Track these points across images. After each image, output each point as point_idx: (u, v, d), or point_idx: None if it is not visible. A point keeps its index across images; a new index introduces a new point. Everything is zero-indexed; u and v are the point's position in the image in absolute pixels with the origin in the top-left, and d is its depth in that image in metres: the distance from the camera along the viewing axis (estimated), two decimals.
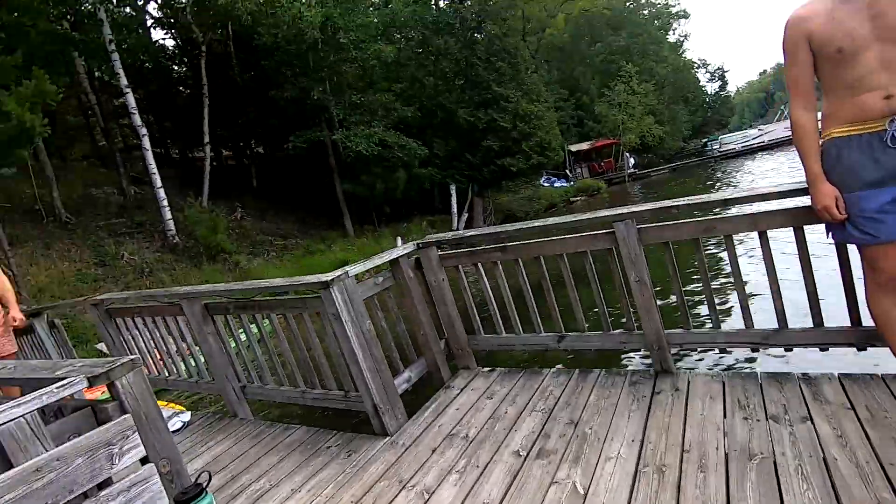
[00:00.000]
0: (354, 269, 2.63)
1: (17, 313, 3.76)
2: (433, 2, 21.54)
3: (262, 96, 17.33)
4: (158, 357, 3.77)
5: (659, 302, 2.56)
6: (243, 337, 3.17)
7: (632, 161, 32.41)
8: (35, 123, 9.09)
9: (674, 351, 2.61)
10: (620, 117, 30.85)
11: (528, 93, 19.22)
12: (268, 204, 17.81)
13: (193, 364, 3.55)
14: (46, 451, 1.42)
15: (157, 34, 22.94)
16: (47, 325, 4.38)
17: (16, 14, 12.46)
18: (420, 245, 3.10)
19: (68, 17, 14.33)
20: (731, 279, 2.50)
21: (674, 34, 48.16)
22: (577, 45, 37.61)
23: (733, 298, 3.99)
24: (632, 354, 4.52)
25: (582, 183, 28.67)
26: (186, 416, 3.38)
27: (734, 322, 4.10)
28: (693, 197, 2.36)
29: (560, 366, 2.98)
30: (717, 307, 2.57)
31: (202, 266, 11.84)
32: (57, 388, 1.49)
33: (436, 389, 3.04)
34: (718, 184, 19.29)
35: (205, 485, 1.26)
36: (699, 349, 2.60)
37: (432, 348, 3.10)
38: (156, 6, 18.69)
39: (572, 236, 2.67)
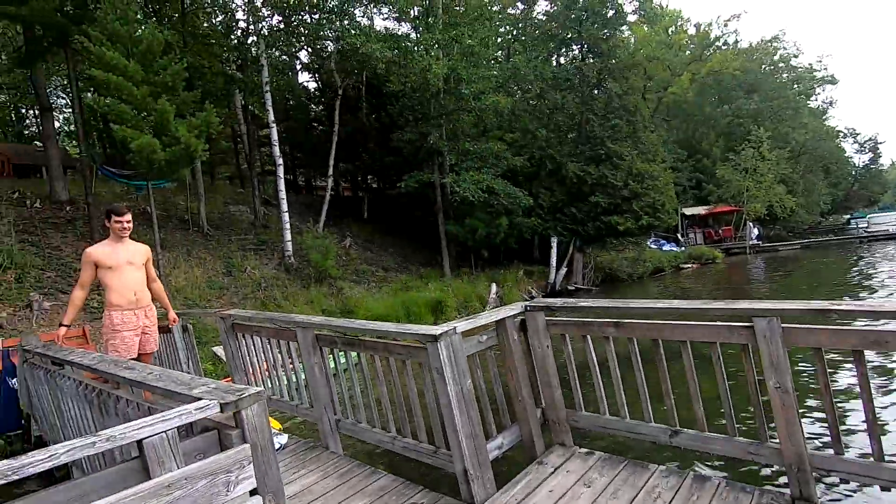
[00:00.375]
0: (462, 325, 2.63)
1: (173, 314, 4.23)
2: (554, 58, 22.06)
3: (384, 137, 18.71)
4: (266, 374, 4.04)
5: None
6: (345, 371, 3.28)
7: (755, 231, 29.54)
8: (198, 147, 10.61)
9: (816, 475, 2.22)
10: (746, 184, 28.52)
11: (643, 152, 18.63)
12: (374, 236, 18.85)
13: (296, 388, 3.74)
14: (178, 467, 1.53)
15: (303, 77, 25.97)
16: (181, 328, 4.93)
17: (199, 57, 14.92)
18: (528, 307, 3.03)
19: (237, 61, 16.81)
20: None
21: (816, 100, 44.15)
22: (702, 105, 35.94)
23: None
24: (756, 466, 3.93)
25: (695, 249, 26.60)
26: (283, 439, 3.53)
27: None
28: (860, 303, 2.05)
29: (669, 465, 2.67)
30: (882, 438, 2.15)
31: (310, 288, 12.73)
32: (195, 409, 1.62)
33: (527, 461, 2.88)
34: (863, 271, 16.78)
35: None
36: (852, 482, 2.18)
37: (528, 417, 2.96)
38: (307, 53, 21.30)
39: (701, 324, 2.43)
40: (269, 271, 13.19)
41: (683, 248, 27.02)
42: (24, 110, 28.27)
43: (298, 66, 23.51)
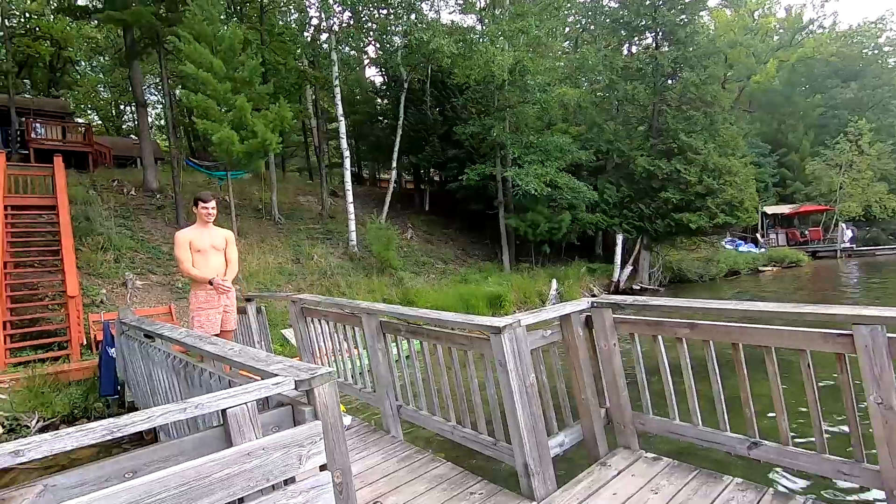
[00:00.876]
0: (527, 318, 2.59)
1: (220, 280, 4.18)
2: (626, 47, 21.10)
3: (447, 130, 18.76)
4: (332, 357, 4.20)
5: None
6: (407, 359, 3.34)
7: (849, 234, 26.91)
8: (273, 141, 11.17)
9: None
10: (839, 181, 25.99)
11: (721, 145, 17.40)
12: (434, 228, 19.03)
13: (359, 373, 3.86)
14: (256, 437, 1.63)
15: (370, 71, 26.59)
16: (255, 309, 5.23)
17: (275, 54, 15.67)
18: (595, 304, 2.93)
19: (309, 57, 17.49)
20: None
21: None
22: (789, 94, 33.10)
23: None
24: (847, 488, 3.58)
25: (776, 251, 24.68)
26: (348, 420, 3.66)
27: None
28: None
29: (745, 479, 2.50)
30: None
31: (372, 277, 13.08)
32: (272, 384, 1.71)
33: (589, 462, 2.81)
34: None
35: None
36: None
37: (591, 416, 2.88)
38: (374, 49, 21.76)
39: (790, 329, 2.24)
40: (334, 260, 13.69)
41: (763, 250, 25.13)
42: (122, 106, 31.06)
43: (366, 61, 24.10)
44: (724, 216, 16.64)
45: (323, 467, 1.73)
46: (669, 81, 18.31)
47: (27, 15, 22.50)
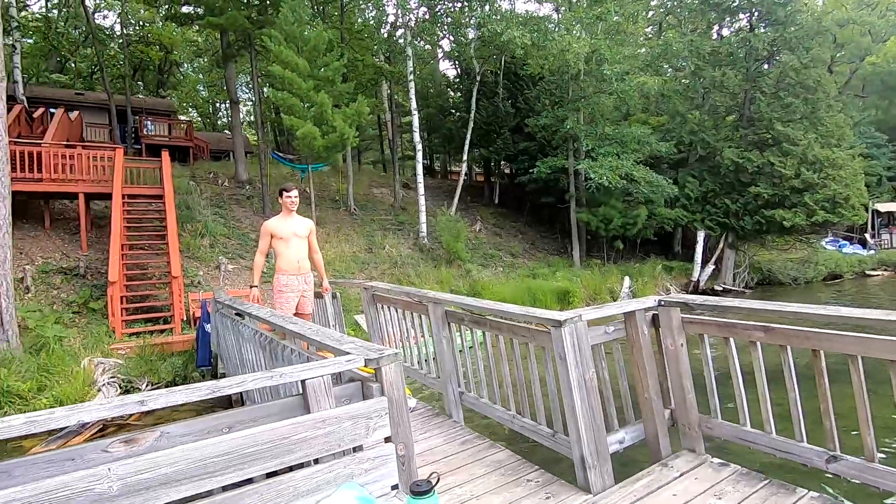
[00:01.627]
0: (589, 313, 2.60)
1: (326, 284, 4.96)
2: (715, 30, 19.66)
3: (518, 123, 18.58)
4: (400, 343, 4.42)
5: None
6: (470, 349, 3.46)
7: None
8: (350, 135, 11.72)
9: None
10: None
11: (824, 135, 15.77)
12: (503, 221, 18.99)
13: (425, 359, 4.04)
14: (331, 407, 1.81)
15: (443, 65, 26.90)
16: (331, 295, 5.59)
17: (353, 51, 16.32)
18: (662, 302, 2.87)
19: (386, 53, 18.03)
20: None
21: None
22: None
23: None
24: None
25: (889, 254, 22.03)
26: (413, 402, 3.85)
27: None
28: None
29: (822, 494, 2.36)
30: None
31: (440, 268, 13.37)
32: (346, 360, 1.89)
33: (650, 462, 2.77)
34: None
35: (434, 484, 1.43)
36: None
37: (654, 416, 2.83)
38: (448, 42, 21.97)
39: (881, 338, 2.08)
40: (404, 250, 14.13)
41: (873, 252, 22.53)
42: (217, 104, 33.81)
43: (440, 55, 24.38)
44: (824, 213, 15.11)
45: (388, 439, 1.89)
46: (765, 66, 16.85)
47: (141, 23, 25.09)
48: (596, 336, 2.74)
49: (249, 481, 1.61)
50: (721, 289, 15.81)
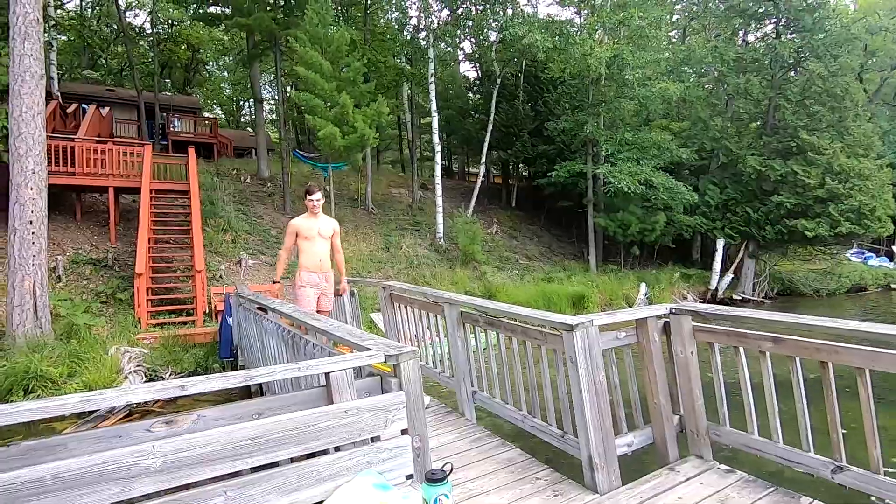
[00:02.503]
0: (601, 319, 2.68)
1: (344, 284, 5.10)
2: (741, 35, 19.39)
3: (538, 126, 18.59)
4: (416, 342, 4.53)
5: None
6: (484, 350, 3.56)
7: None
8: (370, 135, 11.91)
9: None
10: None
11: (851, 144, 15.44)
12: (520, 224, 19.02)
13: (439, 359, 4.15)
14: (352, 399, 1.93)
15: (464, 67, 27.01)
16: (349, 293, 5.73)
17: (375, 52, 16.54)
18: (673, 310, 2.93)
19: (407, 54, 18.21)
20: None
21: None
22: None
23: None
24: None
25: None
26: (427, 400, 3.96)
27: None
28: None
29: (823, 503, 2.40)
30: None
31: (456, 269, 13.48)
32: (367, 356, 2.00)
33: (658, 466, 2.84)
34: None
35: (448, 473, 1.53)
36: None
37: (663, 421, 2.90)
38: (469, 44, 22.08)
39: (888, 352, 2.12)
40: (421, 250, 14.28)
41: None
42: (241, 102, 34.46)
43: (461, 57, 24.50)
44: (849, 225, 14.80)
45: (404, 431, 2.00)
46: (791, 73, 16.57)
47: (170, 22, 25.73)
48: (607, 341, 2.81)
49: (276, 464, 1.73)
50: (740, 298, 15.61)
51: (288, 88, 20.80)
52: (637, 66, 14.56)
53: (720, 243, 16.07)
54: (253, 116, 25.90)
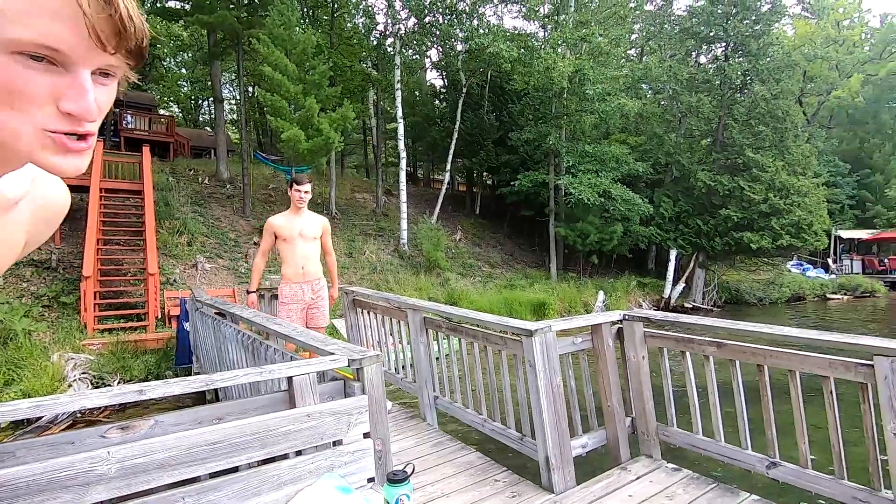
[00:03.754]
0: (558, 325, 2.79)
1: (334, 292, 4.22)
2: (693, 56, 20.44)
3: (502, 135, 18.94)
4: (378, 347, 4.54)
5: None
6: (447, 356, 3.61)
7: None
8: (335, 139, 11.81)
9: None
10: None
11: (791, 163, 16.55)
12: (483, 232, 19.25)
13: (402, 365, 4.17)
14: (315, 403, 1.94)
15: (431, 75, 27.19)
16: None
17: (342, 56, 16.45)
18: (626, 316, 3.08)
19: (374, 60, 18.20)
20: None
21: None
22: (876, 111, 30.68)
23: None
24: None
25: (848, 279, 23.05)
26: (388, 405, 3.98)
27: None
28: None
29: (762, 497, 2.58)
30: None
31: (419, 275, 13.50)
32: (330, 360, 2.02)
33: (610, 466, 2.96)
34: None
35: (409, 474, 1.57)
36: None
37: (616, 423, 3.03)
38: (437, 52, 22.29)
39: (815, 355, 2.32)
40: (384, 256, 14.22)
41: (834, 276, 23.54)
42: (200, 101, 33.39)
43: (428, 65, 24.67)
44: (789, 238, 15.81)
45: (366, 435, 2.02)
46: (738, 95, 17.59)
47: None
48: (564, 346, 2.93)
49: (236, 469, 1.72)
50: (691, 306, 16.34)
51: (251, 88, 20.30)
52: (597, 82, 15.09)
53: (673, 254, 16.80)
54: (212, 116, 25.17)
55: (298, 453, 1.87)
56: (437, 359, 3.77)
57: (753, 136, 16.59)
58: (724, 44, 17.85)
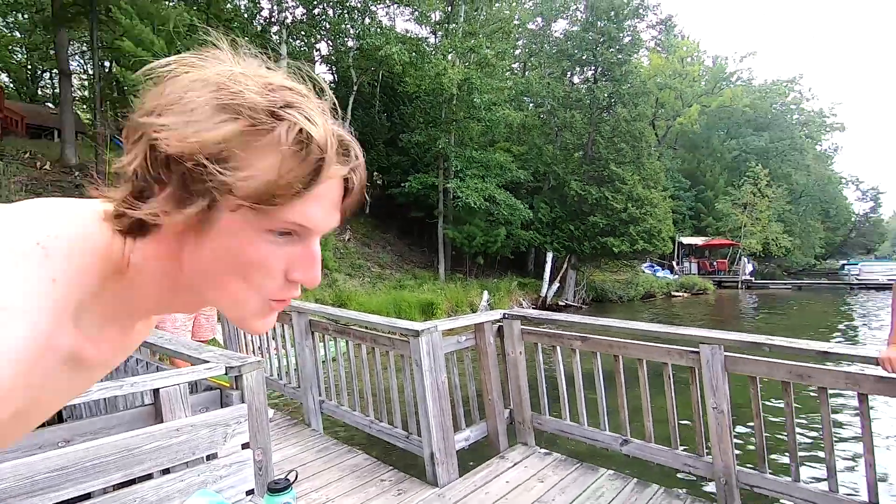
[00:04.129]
0: (444, 324, 2.90)
1: None
2: (568, 76, 22.43)
3: (392, 136, 18.99)
4: (260, 354, 4.29)
5: (736, 438, 2.49)
6: (333, 360, 3.55)
7: (749, 267, 29.92)
8: None
9: (743, 490, 2.49)
10: (743, 219, 28.93)
11: (645, 178, 18.97)
12: (374, 232, 19.10)
13: (286, 371, 4.00)
14: (186, 416, 1.80)
15: (320, 69, 26.26)
16: None
17: (222, 39, 15.16)
18: (506, 315, 3.30)
19: (258, 48, 17.06)
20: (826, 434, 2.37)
21: (822, 145, 44.79)
22: (709, 137, 36.42)
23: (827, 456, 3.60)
24: (695, 478, 4.20)
25: (687, 279, 26.99)
26: (270, 413, 3.78)
27: (819, 482, 3.68)
28: (791, 340, 2.32)
29: (616, 471, 2.94)
30: (806, 462, 2.43)
31: None
32: (204, 369, 1.89)
33: (491, 456, 3.15)
34: (848, 318, 17.10)
35: (292, 481, 1.54)
36: (770, 497, 2.45)
37: (496, 416, 3.23)
38: (326, 46, 21.59)
39: (657, 345, 2.71)
40: None
41: (677, 277, 27.38)
42: (39, 72, 28.48)
43: (317, 58, 23.80)
44: (643, 243, 18.09)
45: (245, 445, 1.92)
46: (605, 114, 19.69)
47: None
48: (450, 345, 3.05)
49: (88, 496, 1.54)
50: (564, 304, 17.87)
51: (107, 63, 17.84)
52: (484, 91, 15.84)
53: (549, 256, 18.25)
54: (56, 90, 21.62)
55: (166, 472, 1.72)
56: (323, 362, 3.68)
57: (616, 151, 18.69)
58: (593, 67, 19.85)
